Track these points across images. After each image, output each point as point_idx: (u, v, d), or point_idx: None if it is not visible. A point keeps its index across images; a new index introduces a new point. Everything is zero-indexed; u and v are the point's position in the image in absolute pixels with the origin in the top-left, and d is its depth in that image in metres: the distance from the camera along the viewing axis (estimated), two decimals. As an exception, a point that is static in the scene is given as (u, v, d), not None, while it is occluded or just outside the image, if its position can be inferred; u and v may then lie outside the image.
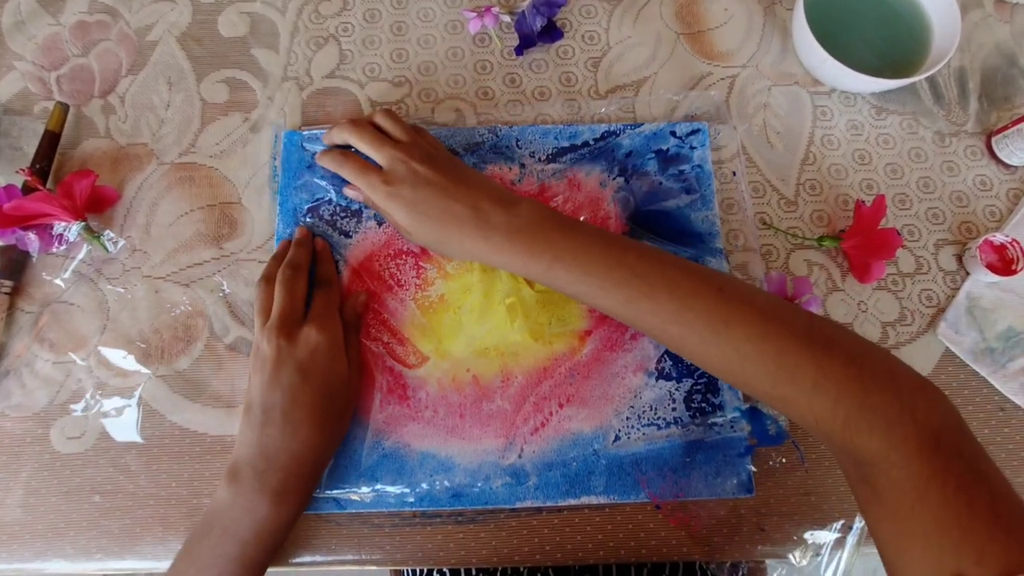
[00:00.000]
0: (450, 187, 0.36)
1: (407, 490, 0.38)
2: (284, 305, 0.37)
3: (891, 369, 0.30)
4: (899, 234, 0.41)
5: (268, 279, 0.39)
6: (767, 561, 0.45)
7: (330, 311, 0.38)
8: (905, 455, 0.27)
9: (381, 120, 0.40)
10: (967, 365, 0.41)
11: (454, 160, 0.40)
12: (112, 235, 0.42)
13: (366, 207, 0.43)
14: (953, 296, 0.43)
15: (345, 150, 0.41)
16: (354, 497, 0.38)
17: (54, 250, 0.42)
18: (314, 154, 0.44)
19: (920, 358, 0.42)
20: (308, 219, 0.42)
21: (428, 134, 0.42)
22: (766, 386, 0.31)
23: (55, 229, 0.41)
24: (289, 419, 0.35)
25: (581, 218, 0.42)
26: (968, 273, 0.43)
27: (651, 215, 0.43)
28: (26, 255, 0.42)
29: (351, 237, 0.42)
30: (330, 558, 0.38)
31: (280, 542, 0.35)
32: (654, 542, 0.38)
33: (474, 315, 0.41)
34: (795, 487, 0.39)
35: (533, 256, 0.35)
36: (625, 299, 0.33)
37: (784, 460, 0.39)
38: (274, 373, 0.35)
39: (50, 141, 0.43)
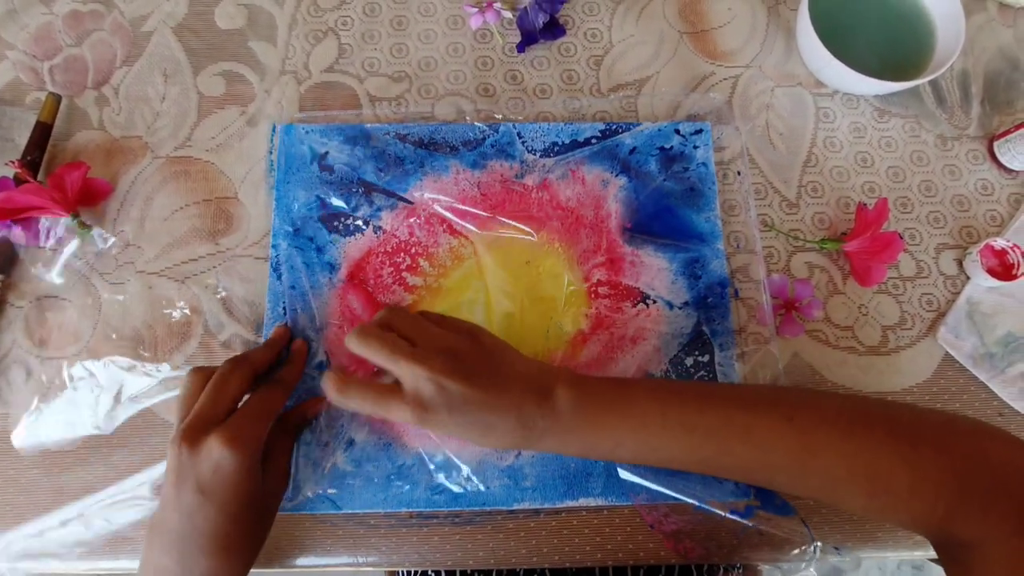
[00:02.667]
0: (487, 400, 0.31)
1: (404, 490, 0.37)
2: (203, 406, 0.32)
3: (982, 447, 0.29)
4: (901, 237, 0.40)
5: (201, 370, 0.35)
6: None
7: (258, 416, 0.33)
8: (1003, 533, 0.27)
9: (389, 321, 0.34)
10: (966, 370, 0.41)
11: (474, 342, 0.33)
12: (103, 232, 0.41)
13: (360, 209, 0.42)
14: (953, 300, 0.43)
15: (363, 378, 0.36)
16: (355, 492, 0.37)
17: (42, 244, 0.41)
18: (311, 147, 0.43)
19: (920, 363, 0.42)
20: (303, 216, 0.42)
21: (439, 317, 0.35)
22: (862, 500, 0.30)
23: (42, 224, 0.40)
24: (187, 550, 0.31)
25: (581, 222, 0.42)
26: (969, 278, 0.43)
27: (653, 215, 0.42)
28: (15, 248, 0.41)
29: (348, 236, 0.42)
30: (325, 560, 0.37)
31: None
32: (652, 545, 0.38)
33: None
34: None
35: (593, 448, 0.33)
36: (700, 461, 0.32)
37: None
38: (174, 489, 0.31)
39: (42, 132, 0.42)
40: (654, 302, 0.41)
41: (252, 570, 0.37)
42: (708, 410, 0.32)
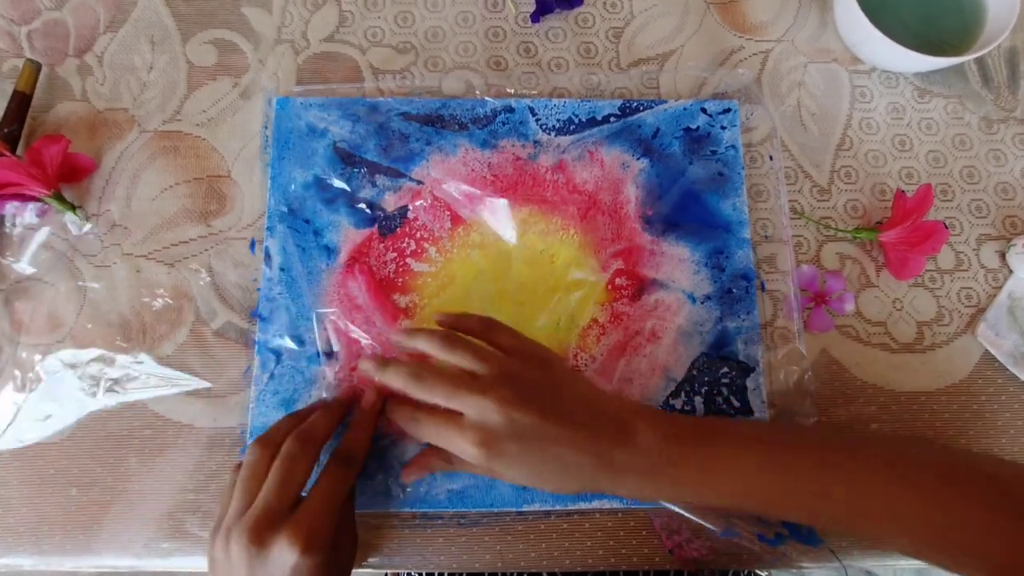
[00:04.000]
0: (562, 435, 0.29)
1: (407, 489, 0.35)
2: (270, 498, 0.29)
3: None
4: (946, 227, 0.37)
5: (267, 444, 0.31)
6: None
7: (329, 508, 0.30)
8: None
9: (439, 352, 0.32)
10: (1006, 369, 0.39)
11: (545, 371, 0.31)
12: (75, 218, 0.38)
13: (362, 189, 0.39)
14: (994, 296, 0.40)
15: (413, 402, 0.32)
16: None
17: (18, 225, 0.39)
18: (309, 123, 0.40)
19: (957, 361, 0.39)
20: (300, 196, 0.39)
21: (503, 333, 0.33)
22: (946, 561, 0.29)
23: (7, 209, 0.38)
24: None
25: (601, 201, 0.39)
26: (1011, 271, 0.40)
27: (676, 201, 0.40)
28: (-7, 228, 0.39)
29: (348, 218, 0.39)
30: (323, 561, 0.36)
31: None
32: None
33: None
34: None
35: (684, 491, 0.30)
36: (798, 507, 0.30)
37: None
38: None
39: (20, 103, 0.39)
40: (675, 294, 0.38)
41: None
42: (804, 451, 0.30)
